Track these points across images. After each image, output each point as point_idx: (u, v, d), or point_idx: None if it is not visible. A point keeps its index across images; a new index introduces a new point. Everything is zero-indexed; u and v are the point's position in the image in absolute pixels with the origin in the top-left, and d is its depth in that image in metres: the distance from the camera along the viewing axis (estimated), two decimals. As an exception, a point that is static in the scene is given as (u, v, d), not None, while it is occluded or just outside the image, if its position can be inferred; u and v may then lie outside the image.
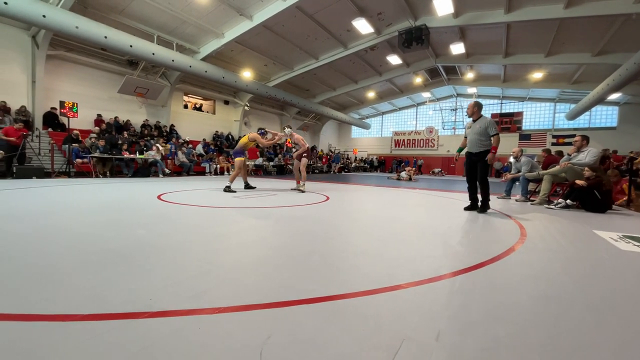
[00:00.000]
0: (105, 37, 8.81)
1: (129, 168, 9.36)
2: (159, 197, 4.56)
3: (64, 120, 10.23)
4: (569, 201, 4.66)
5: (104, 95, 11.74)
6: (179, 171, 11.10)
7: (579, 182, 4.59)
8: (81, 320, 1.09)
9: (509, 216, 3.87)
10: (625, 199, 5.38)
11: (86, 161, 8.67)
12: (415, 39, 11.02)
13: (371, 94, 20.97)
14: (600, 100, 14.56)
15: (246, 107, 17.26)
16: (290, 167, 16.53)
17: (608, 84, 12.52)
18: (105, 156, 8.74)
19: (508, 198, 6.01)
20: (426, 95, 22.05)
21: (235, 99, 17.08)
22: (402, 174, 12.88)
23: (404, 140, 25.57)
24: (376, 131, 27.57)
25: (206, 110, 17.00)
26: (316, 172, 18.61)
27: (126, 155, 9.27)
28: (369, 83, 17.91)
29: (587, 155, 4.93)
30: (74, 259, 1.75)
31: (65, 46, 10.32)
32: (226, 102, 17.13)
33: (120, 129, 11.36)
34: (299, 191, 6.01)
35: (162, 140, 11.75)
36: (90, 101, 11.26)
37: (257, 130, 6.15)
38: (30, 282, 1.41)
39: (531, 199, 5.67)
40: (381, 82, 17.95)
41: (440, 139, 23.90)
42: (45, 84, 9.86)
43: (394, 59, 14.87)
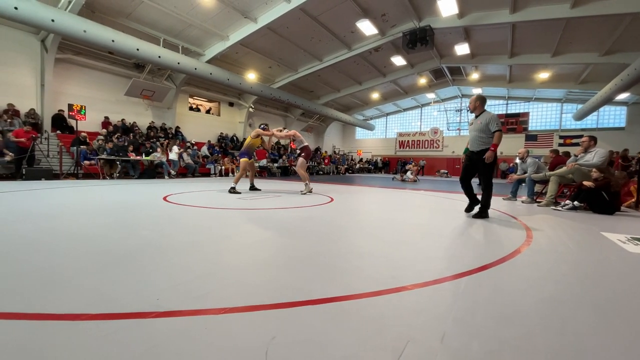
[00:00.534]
0: (113, 41, 8.94)
1: (135, 169, 9.47)
2: (164, 199, 4.61)
3: (72, 122, 10.42)
4: (576, 203, 4.60)
5: (111, 97, 11.92)
6: (184, 172, 11.19)
7: (586, 183, 4.53)
8: (90, 320, 1.11)
9: (515, 218, 3.84)
10: (633, 200, 5.30)
11: (94, 163, 8.79)
12: (420, 40, 10.98)
13: (375, 95, 20.93)
14: (608, 100, 14.35)
15: (251, 109, 17.35)
16: (294, 168, 16.55)
17: (616, 84, 12.33)
18: (112, 158, 8.85)
19: (514, 199, 5.96)
20: (431, 96, 21.94)
21: (240, 100, 17.19)
22: (408, 174, 12.78)
23: (408, 142, 25.47)
24: (380, 132, 27.50)
25: (211, 112, 17.12)
26: (320, 173, 18.61)
27: (132, 157, 9.39)
28: (373, 84, 17.87)
29: (594, 156, 4.87)
30: (82, 260, 1.78)
31: (74, 50, 10.49)
32: (231, 104, 17.24)
33: (127, 131, 11.51)
34: (301, 193, 5.93)
35: (170, 142, 11.85)
36: (98, 104, 11.44)
37: (259, 126, 6.18)
38: (39, 282, 1.44)
39: (537, 200, 5.62)
40: (385, 83, 17.90)
41: (445, 140, 23.76)
42: (53, 87, 10.04)
43: (398, 60, 14.83)
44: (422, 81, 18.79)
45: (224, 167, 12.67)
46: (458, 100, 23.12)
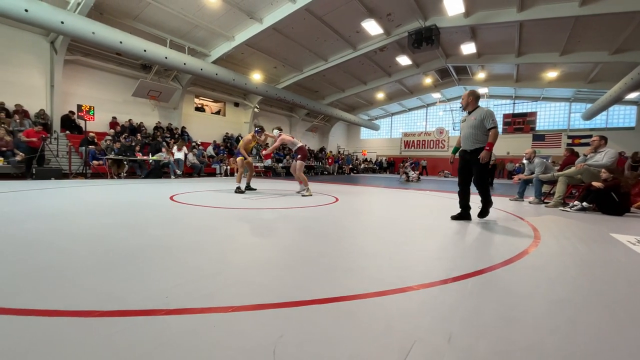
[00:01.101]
0: (121, 42, 9.05)
1: (142, 169, 9.57)
2: (171, 198, 4.66)
3: (80, 122, 10.58)
4: (585, 203, 4.53)
5: (118, 98, 12.07)
6: (190, 172, 11.28)
7: (595, 183, 4.46)
8: (101, 317, 1.13)
9: (522, 218, 3.80)
10: (644, 201, 5.20)
11: (102, 163, 8.91)
12: (425, 40, 10.92)
13: (380, 95, 20.87)
14: (617, 100, 14.10)
15: (256, 109, 17.42)
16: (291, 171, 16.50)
17: (626, 83, 12.12)
18: (120, 158, 8.97)
19: (521, 200, 5.89)
20: (436, 95, 21.78)
21: (245, 101, 17.27)
22: (410, 173, 12.67)
23: (413, 142, 25.33)
24: (385, 132, 27.40)
25: (221, 113, 17.22)
26: (325, 173, 18.61)
27: (140, 157, 9.49)
28: (378, 84, 17.81)
29: (604, 157, 4.80)
30: (92, 258, 1.81)
31: (82, 51, 10.65)
32: (236, 104, 17.33)
33: (134, 131, 11.65)
34: (302, 195, 5.61)
35: (173, 141, 11.95)
36: (106, 104, 11.59)
37: (254, 129, 6.20)
38: (50, 280, 1.47)
39: (545, 201, 5.55)
40: (390, 83, 17.83)
41: (450, 140, 23.57)
42: (63, 88, 10.20)
43: (404, 60, 14.77)
44: (428, 81, 18.68)
45: (229, 167, 12.75)
46: (464, 100, 22.89)
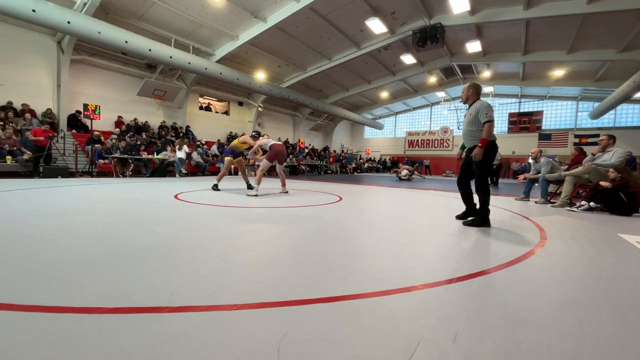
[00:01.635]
0: (126, 42, 9.13)
1: (147, 168, 9.65)
2: (176, 197, 4.69)
3: (86, 122, 10.69)
4: (592, 203, 4.47)
5: (124, 97, 12.18)
6: (194, 171, 11.34)
7: (603, 183, 4.40)
8: (106, 314, 1.14)
9: (528, 218, 3.76)
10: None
11: (107, 161, 8.99)
12: (430, 38, 10.84)
13: (384, 94, 20.78)
14: (626, 98, 13.90)
15: (260, 108, 17.46)
16: (303, 167, 16.60)
17: (635, 81, 11.94)
18: (125, 157, 9.04)
19: (527, 200, 5.83)
20: (441, 94, 21.64)
21: (249, 100, 17.32)
22: (403, 172, 12.28)
23: (417, 141, 25.20)
24: (389, 131, 27.30)
25: (227, 113, 17.29)
26: (329, 172, 18.60)
27: (145, 156, 9.57)
28: (383, 83, 17.74)
29: (612, 156, 4.72)
30: (97, 256, 1.83)
31: (89, 51, 10.75)
32: (240, 104, 17.39)
33: (139, 130, 11.74)
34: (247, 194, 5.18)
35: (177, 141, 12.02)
36: (111, 103, 11.70)
37: (251, 133, 6.26)
38: (55, 277, 1.49)
39: (551, 201, 5.49)
40: (395, 82, 17.75)
41: (455, 139, 23.41)
42: (69, 87, 10.31)
43: (408, 59, 14.69)
44: (432, 80, 18.56)
45: (233, 166, 12.77)
46: (469, 99, 22.71)
